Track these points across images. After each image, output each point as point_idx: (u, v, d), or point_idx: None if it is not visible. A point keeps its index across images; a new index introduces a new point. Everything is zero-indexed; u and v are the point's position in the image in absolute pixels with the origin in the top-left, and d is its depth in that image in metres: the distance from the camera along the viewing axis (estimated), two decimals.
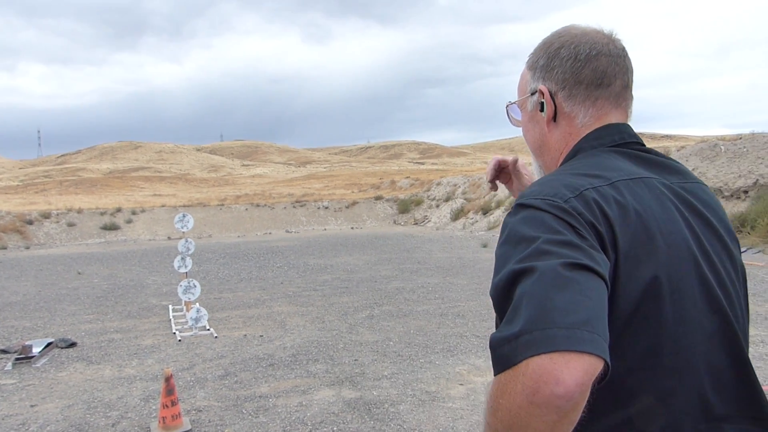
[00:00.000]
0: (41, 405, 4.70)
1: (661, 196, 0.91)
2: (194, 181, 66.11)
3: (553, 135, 1.03)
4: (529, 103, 1.06)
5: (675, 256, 0.87)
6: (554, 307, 0.69)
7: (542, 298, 0.70)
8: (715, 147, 16.36)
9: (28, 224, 23.70)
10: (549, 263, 0.73)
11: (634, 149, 0.98)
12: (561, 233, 0.78)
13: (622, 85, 1.00)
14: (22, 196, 40.96)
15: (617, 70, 0.99)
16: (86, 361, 5.97)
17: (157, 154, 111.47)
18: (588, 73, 0.97)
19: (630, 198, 0.87)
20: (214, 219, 26.50)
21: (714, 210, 0.98)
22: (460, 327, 6.68)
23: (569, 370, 0.65)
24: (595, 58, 0.97)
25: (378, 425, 4.01)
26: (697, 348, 0.86)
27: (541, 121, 1.04)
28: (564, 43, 1.00)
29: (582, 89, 0.98)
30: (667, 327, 0.84)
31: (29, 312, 8.77)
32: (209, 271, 12.78)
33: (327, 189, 40.31)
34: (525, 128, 1.09)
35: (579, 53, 0.98)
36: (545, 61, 1.01)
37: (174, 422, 4.04)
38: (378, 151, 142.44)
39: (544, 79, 1.01)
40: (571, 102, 0.99)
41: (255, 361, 5.69)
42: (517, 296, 0.73)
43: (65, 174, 76.73)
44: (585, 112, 0.99)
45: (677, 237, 0.88)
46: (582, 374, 0.65)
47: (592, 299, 0.71)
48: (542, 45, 1.03)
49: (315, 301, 8.77)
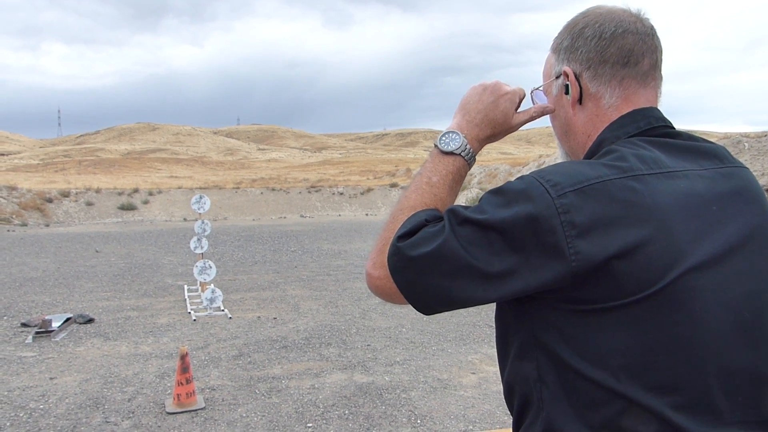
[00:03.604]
0: (60, 378, 4.80)
1: (692, 194, 0.86)
2: (210, 163, 66.52)
3: (579, 118, 0.99)
4: (554, 87, 1.02)
5: (694, 250, 0.82)
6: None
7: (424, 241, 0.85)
8: (738, 143, 16.08)
9: (48, 202, 24.08)
10: (454, 243, 0.83)
11: (662, 134, 0.94)
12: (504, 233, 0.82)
13: (650, 63, 0.96)
14: (42, 175, 41.56)
15: (645, 48, 0.95)
16: (103, 337, 6.08)
17: (174, 136, 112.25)
18: (614, 52, 0.94)
19: (646, 190, 0.82)
20: (230, 202, 26.69)
21: (754, 197, 0.91)
22: (473, 316, 6.68)
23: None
24: (621, 36, 0.94)
25: (389, 410, 4.04)
26: (709, 348, 0.81)
27: (566, 105, 1.00)
28: (588, 23, 0.97)
29: (608, 68, 0.95)
30: (679, 323, 0.80)
31: (48, 288, 8.93)
32: (224, 253, 12.89)
33: (342, 175, 40.34)
34: (551, 114, 1.06)
35: (604, 32, 0.95)
36: (569, 41, 0.98)
37: (188, 400, 4.10)
38: (394, 138, 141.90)
39: (568, 60, 0.98)
40: (597, 82, 0.96)
41: (268, 343, 5.75)
42: (427, 230, 0.86)
43: (84, 154, 77.63)
44: (611, 93, 0.95)
45: (701, 230, 0.83)
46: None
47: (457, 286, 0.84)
48: (567, 26, 1.00)
49: (328, 286, 8.82)
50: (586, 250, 0.79)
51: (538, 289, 0.82)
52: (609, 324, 0.81)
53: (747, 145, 15.75)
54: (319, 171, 45.70)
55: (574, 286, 0.81)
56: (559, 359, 0.84)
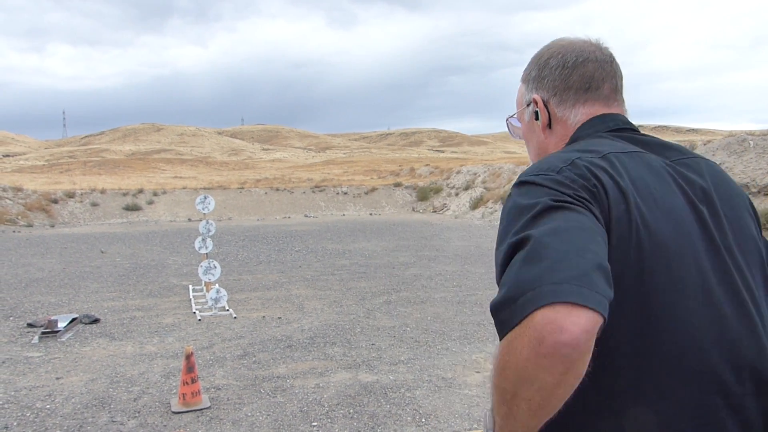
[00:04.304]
0: (66, 378, 4.82)
1: (658, 169, 0.93)
2: (215, 164, 66.67)
3: (550, 141, 1.08)
4: (526, 114, 1.12)
5: (671, 224, 0.87)
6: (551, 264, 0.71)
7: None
8: (743, 141, 16.00)
9: (53, 203, 24.17)
10: (542, 228, 0.77)
11: (630, 134, 1.02)
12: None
13: (611, 88, 1.05)
14: (47, 176, 41.74)
15: (604, 74, 1.04)
16: (109, 337, 6.10)
17: (178, 136, 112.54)
18: (576, 79, 1.03)
19: (622, 168, 0.89)
20: (234, 202, 26.73)
21: (719, 183, 0.97)
22: (477, 315, 6.67)
23: (572, 318, 0.65)
24: (582, 65, 1.03)
25: (394, 409, 4.04)
26: (697, 312, 0.84)
27: (537, 130, 1.10)
28: (553, 54, 1.06)
29: (572, 94, 1.04)
30: (661, 292, 0.84)
31: (54, 288, 8.97)
32: (229, 253, 12.92)
33: (346, 175, 40.36)
34: (525, 138, 1.16)
35: (567, 61, 1.04)
36: (537, 72, 1.08)
37: (193, 399, 4.12)
38: (398, 138, 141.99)
39: (536, 88, 1.08)
40: (563, 107, 1.05)
41: (273, 343, 5.76)
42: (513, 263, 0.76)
43: (89, 155, 77.94)
44: (576, 112, 1.05)
45: (673, 205, 0.89)
46: (585, 321, 0.66)
47: (589, 250, 0.73)
48: (534, 58, 1.10)
49: (333, 286, 8.83)
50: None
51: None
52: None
53: (752, 143, 15.67)
54: (323, 171, 45.75)
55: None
56: None
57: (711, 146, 16.78)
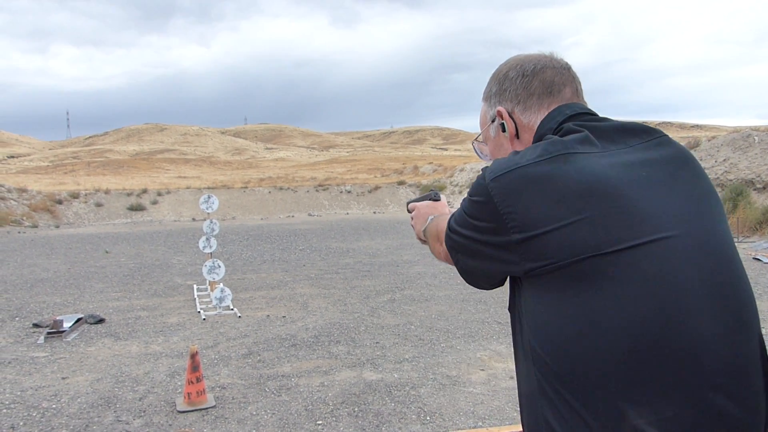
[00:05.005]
0: (72, 377, 4.84)
1: (619, 160, 0.93)
2: (218, 163, 66.76)
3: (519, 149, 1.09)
4: (491, 130, 1.13)
5: (639, 216, 0.87)
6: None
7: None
8: (748, 137, 15.92)
9: (58, 204, 24.27)
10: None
11: (589, 119, 1.01)
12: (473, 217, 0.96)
13: (572, 91, 1.07)
14: (51, 177, 41.88)
15: (564, 79, 1.07)
16: (114, 336, 6.12)
17: (182, 136, 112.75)
18: (537, 85, 1.05)
19: (572, 167, 0.89)
20: (238, 201, 26.78)
21: (681, 162, 0.97)
22: (481, 313, 6.67)
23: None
24: (541, 71, 1.06)
25: (399, 407, 4.04)
26: (682, 298, 0.85)
27: (506, 142, 1.10)
28: (511, 67, 1.09)
29: (535, 100, 1.05)
30: (650, 281, 0.84)
31: (59, 288, 9.01)
32: (233, 252, 12.95)
33: (350, 173, 40.36)
34: (494, 156, 1.15)
35: (525, 70, 1.07)
36: (497, 87, 1.10)
37: (199, 398, 4.13)
38: (401, 136, 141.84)
39: (499, 102, 1.09)
40: (528, 113, 1.06)
41: (278, 341, 5.77)
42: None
43: (93, 155, 78.16)
44: (541, 114, 1.05)
45: (635, 195, 0.89)
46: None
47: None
48: (492, 76, 1.12)
49: (337, 284, 8.83)
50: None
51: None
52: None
53: (757, 139, 15.59)
54: (326, 169, 45.76)
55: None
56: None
57: (715, 142, 16.70)
